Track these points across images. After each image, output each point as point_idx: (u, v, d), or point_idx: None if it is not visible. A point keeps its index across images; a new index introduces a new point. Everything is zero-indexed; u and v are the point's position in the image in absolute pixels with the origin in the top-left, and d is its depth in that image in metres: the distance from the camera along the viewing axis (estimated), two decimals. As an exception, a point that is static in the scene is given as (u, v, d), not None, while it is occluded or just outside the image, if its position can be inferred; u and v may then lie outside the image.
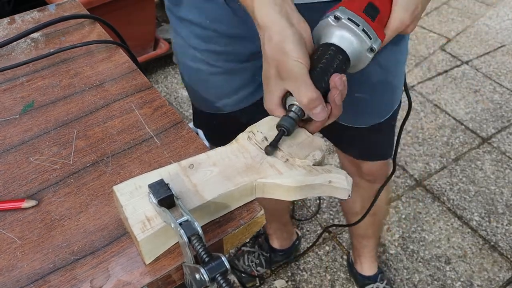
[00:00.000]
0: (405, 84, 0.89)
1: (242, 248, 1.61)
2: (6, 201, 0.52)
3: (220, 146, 0.54)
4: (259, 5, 0.54)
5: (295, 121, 0.53)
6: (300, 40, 0.53)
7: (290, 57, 0.52)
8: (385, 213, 1.35)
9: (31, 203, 0.51)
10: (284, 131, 0.53)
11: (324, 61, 0.55)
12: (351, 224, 1.23)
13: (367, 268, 1.50)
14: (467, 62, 2.43)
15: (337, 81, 0.53)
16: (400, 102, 0.96)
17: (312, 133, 0.56)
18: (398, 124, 0.99)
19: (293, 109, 0.54)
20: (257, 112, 0.62)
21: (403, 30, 0.62)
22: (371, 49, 0.57)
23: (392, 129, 1.01)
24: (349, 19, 0.56)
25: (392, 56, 0.83)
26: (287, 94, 0.54)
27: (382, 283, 1.49)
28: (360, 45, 0.56)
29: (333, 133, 1.03)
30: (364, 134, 0.95)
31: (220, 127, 0.94)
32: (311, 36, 0.56)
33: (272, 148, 0.52)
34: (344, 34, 0.56)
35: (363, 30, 0.56)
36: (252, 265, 1.56)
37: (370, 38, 0.56)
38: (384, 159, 1.07)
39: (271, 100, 0.56)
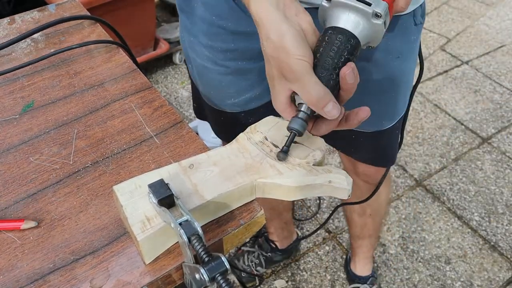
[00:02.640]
0: (419, 52, 0.83)
1: (242, 248, 1.61)
2: (5, 220, 0.50)
3: (226, 139, 0.52)
4: (254, 1, 0.51)
5: (305, 122, 0.50)
6: (299, 34, 0.49)
7: (291, 55, 0.48)
8: (384, 214, 1.34)
9: (31, 224, 0.50)
10: (295, 133, 0.50)
11: (324, 49, 0.50)
12: (363, 201, 1.18)
13: (360, 268, 1.51)
14: (467, 62, 2.43)
15: (348, 73, 0.49)
16: (406, 111, 0.92)
17: (323, 134, 0.54)
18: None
19: (302, 108, 0.50)
20: (267, 114, 0.59)
21: None
22: (376, 15, 0.50)
23: (396, 137, 0.97)
24: None
25: (398, 63, 0.81)
26: (294, 92, 0.51)
27: (370, 287, 1.49)
28: (361, 16, 0.51)
29: (334, 135, 1.02)
30: (365, 139, 0.92)
31: (227, 123, 0.92)
32: (313, 26, 0.52)
33: (284, 154, 0.51)
34: (338, 13, 0.51)
35: None
36: (252, 265, 1.56)
37: (370, 4, 0.50)
38: (384, 166, 1.03)
39: (279, 102, 0.53)
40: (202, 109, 1.00)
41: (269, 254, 1.57)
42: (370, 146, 0.97)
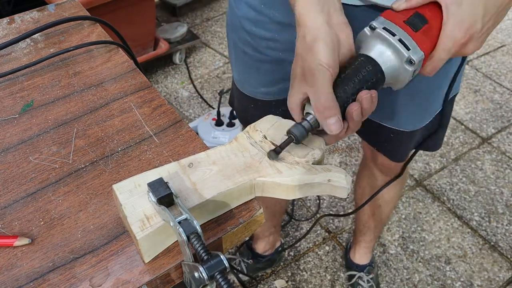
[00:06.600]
0: (444, 103, 0.83)
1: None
2: (-3, 236, 0.49)
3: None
4: (301, 1, 0.52)
5: (306, 131, 0.52)
6: (333, 43, 0.50)
7: (316, 59, 0.49)
8: (391, 209, 1.34)
9: (24, 241, 0.48)
10: (292, 139, 0.51)
11: (350, 71, 0.52)
12: (345, 214, 1.22)
13: (358, 256, 1.52)
14: (467, 62, 2.43)
15: (364, 97, 0.51)
16: (439, 114, 0.91)
17: (327, 145, 0.55)
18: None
19: (308, 118, 0.52)
20: None
21: (458, 50, 0.54)
22: (410, 61, 0.52)
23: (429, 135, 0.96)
24: (384, 28, 0.53)
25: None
26: (307, 99, 0.53)
27: (367, 275, 1.50)
28: (396, 55, 0.53)
29: (367, 128, 1.02)
30: (403, 137, 0.92)
31: (256, 112, 0.94)
32: (352, 41, 0.54)
33: (275, 154, 0.51)
34: (377, 44, 0.53)
35: (400, 40, 0.52)
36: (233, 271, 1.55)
37: (408, 49, 0.52)
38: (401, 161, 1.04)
39: (293, 101, 0.54)
40: (234, 95, 1.03)
41: (250, 261, 1.55)
42: (404, 144, 0.96)
